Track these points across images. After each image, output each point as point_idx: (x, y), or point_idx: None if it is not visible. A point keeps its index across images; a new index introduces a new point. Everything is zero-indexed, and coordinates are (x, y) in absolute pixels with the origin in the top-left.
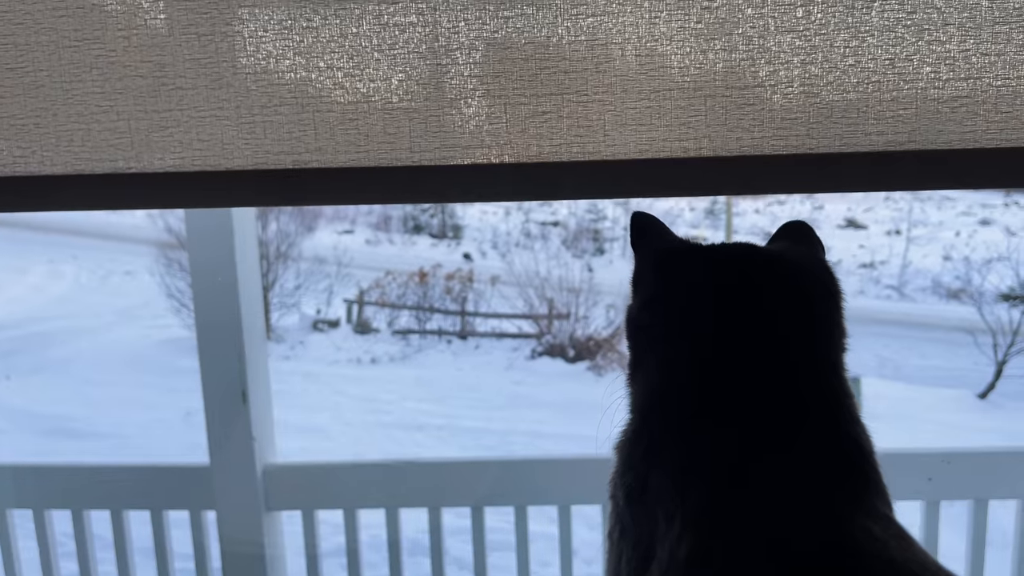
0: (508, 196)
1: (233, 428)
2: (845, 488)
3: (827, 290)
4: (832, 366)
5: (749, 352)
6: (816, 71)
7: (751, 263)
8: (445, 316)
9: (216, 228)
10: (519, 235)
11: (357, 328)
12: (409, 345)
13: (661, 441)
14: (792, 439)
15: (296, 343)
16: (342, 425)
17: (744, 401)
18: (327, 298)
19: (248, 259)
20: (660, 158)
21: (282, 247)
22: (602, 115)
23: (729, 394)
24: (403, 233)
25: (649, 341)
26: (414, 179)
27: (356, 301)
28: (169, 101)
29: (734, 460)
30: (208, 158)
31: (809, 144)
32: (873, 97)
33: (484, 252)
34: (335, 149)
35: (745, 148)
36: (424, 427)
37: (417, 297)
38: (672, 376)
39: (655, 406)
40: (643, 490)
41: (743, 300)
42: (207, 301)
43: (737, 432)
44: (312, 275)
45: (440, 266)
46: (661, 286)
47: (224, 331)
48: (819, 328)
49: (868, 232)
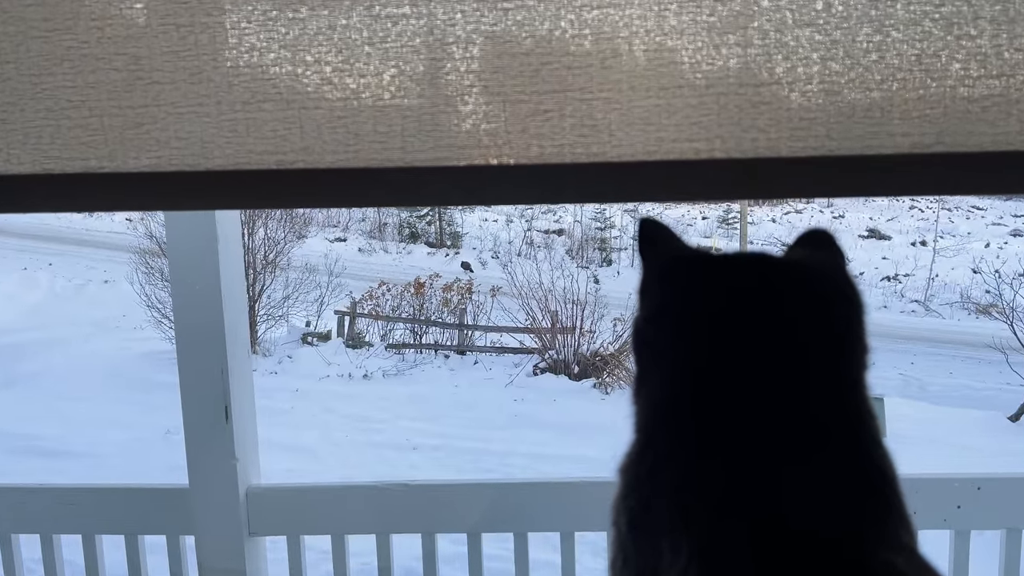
0: (507, 200)
1: (215, 447)
2: (865, 516)
3: (849, 302)
4: (853, 384)
5: (762, 368)
6: (837, 68)
7: (766, 272)
8: (442, 329)
9: (199, 234)
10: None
11: (349, 342)
12: (404, 360)
13: (666, 463)
14: (808, 462)
15: (284, 357)
16: (331, 445)
17: (756, 421)
18: (317, 309)
19: (233, 267)
20: (669, 160)
21: (270, 255)
22: (607, 114)
23: (739, 414)
24: (398, 241)
25: (654, 356)
26: (407, 181)
27: (348, 313)
28: (145, 96)
29: (745, 485)
30: (186, 158)
31: (829, 146)
32: (898, 96)
33: (484, 262)
34: (323, 149)
35: (760, 150)
36: (418, 447)
37: (413, 309)
38: (678, 393)
39: (659, 425)
40: (646, 515)
41: (756, 312)
42: (189, 312)
43: (748, 455)
44: (302, 285)
45: (437, 276)
46: (668, 297)
47: (206, 344)
48: (839, 342)
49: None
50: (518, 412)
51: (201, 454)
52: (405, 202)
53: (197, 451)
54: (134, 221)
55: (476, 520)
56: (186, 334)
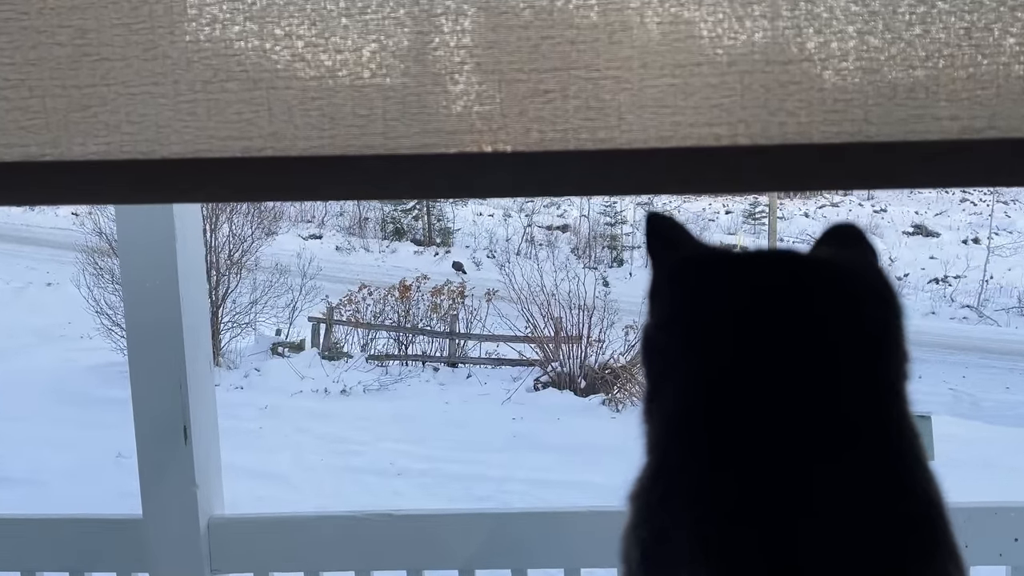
0: (502, 192)
1: (172, 473)
2: (909, 551)
3: (885, 303)
4: (892, 397)
5: (787, 379)
6: (876, 43)
7: (790, 271)
8: (431, 339)
9: (154, 230)
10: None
11: (325, 353)
12: (387, 373)
13: (681, 488)
14: (843, 487)
15: (251, 370)
16: (304, 470)
17: (782, 441)
18: (289, 316)
19: (193, 268)
20: (686, 147)
21: (235, 254)
22: (616, 95)
23: (763, 433)
24: (381, 238)
25: (667, 366)
26: (389, 171)
27: (324, 320)
28: (93, 75)
29: (772, 513)
30: (139, 144)
31: (867, 131)
32: (945, 74)
33: (478, 262)
34: (294, 134)
35: (790, 136)
36: (404, 472)
37: (397, 315)
38: (694, 408)
39: (674, 445)
40: (660, 547)
41: (780, 315)
42: (142, 318)
43: (775, 478)
44: (272, 288)
45: (425, 278)
46: (681, 301)
47: (162, 355)
48: (875, 348)
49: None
50: (517, 432)
51: (156, 480)
52: (387, 194)
53: (152, 477)
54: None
55: (469, 555)
56: (139, 344)
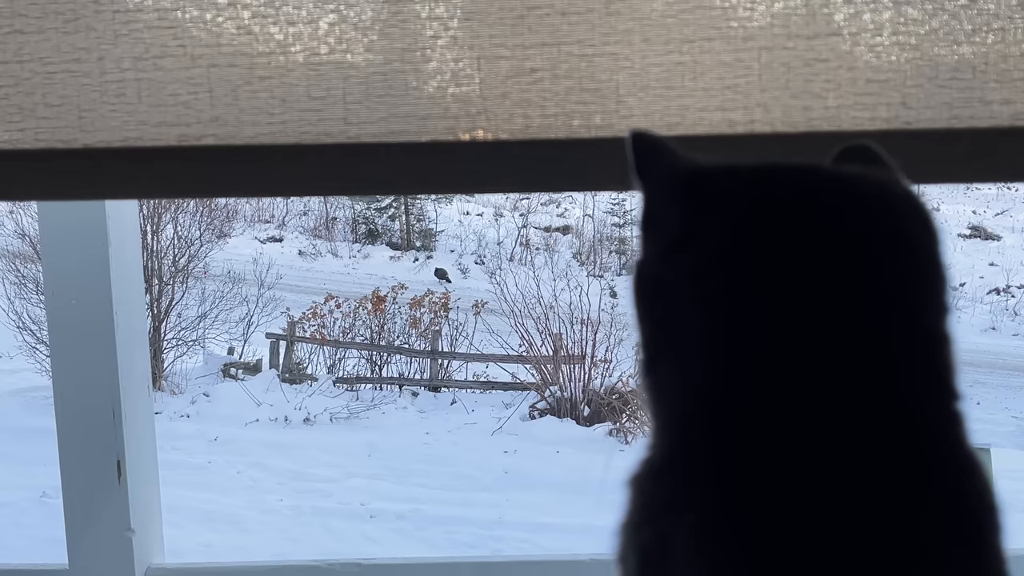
0: (482, 187)
1: (103, 515)
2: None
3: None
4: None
5: (838, 346)
6: (915, 14)
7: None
8: (409, 359)
9: (83, 232)
10: (514, 245)
11: (285, 375)
12: (357, 399)
13: (693, 482)
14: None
15: (199, 395)
16: (261, 511)
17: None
18: (244, 332)
19: (129, 277)
20: (696, 135)
21: (181, 260)
22: (615, 74)
23: (810, 424)
24: (352, 242)
25: (673, 311)
26: (351, 162)
27: (284, 337)
28: (4, 50)
29: (812, 523)
30: (59, 131)
31: (906, 116)
32: (995, 51)
33: (465, 269)
34: (239, 119)
35: (815, 122)
36: (377, 515)
37: (370, 331)
38: (712, 366)
39: (687, 419)
40: (664, 557)
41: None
42: (69, 336)
43: (819, 469)
44: (223, 300)
45: (403, 288)
46: (691, 221)
47: (93, 379)
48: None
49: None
50: (509, 468)
51: (85, 524)
52: (349, 189)
53: (79, 520)
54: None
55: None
56: (65, 365)
